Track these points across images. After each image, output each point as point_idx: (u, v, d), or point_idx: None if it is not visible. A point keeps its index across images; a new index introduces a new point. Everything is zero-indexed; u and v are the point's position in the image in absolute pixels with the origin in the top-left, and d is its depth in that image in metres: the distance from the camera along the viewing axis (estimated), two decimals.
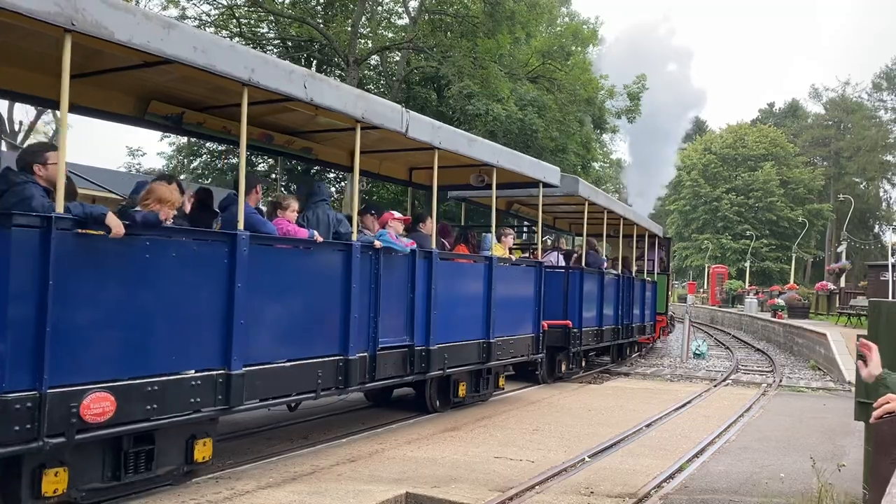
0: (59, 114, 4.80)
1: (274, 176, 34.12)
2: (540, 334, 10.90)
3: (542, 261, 11.64)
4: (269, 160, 30.87)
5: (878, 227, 74.22)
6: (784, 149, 68.32)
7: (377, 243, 7.57)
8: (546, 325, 11.29)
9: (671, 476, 6.62)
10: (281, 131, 8.46)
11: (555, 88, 31.15)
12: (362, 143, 7.33)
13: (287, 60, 7.22)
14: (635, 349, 19.17)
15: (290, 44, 30.39)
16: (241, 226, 5.82)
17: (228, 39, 6.55)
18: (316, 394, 6.77)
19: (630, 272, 17.06)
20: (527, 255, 13.46)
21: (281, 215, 6.93)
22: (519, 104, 29.23)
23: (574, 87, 31.67)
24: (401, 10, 33.25)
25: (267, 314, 6.18)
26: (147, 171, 33.84)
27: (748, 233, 62.20)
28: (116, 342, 4.96)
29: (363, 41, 30.86)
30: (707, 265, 59.29)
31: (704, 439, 8.25)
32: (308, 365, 6.59)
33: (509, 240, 11.20)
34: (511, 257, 10.84)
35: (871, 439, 5.10)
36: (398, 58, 31.47)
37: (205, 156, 32.00)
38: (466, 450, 7.19)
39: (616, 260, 16.93)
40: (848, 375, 13.58)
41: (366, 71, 31.68)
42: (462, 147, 8.77)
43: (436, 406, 9.42)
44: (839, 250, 45.96)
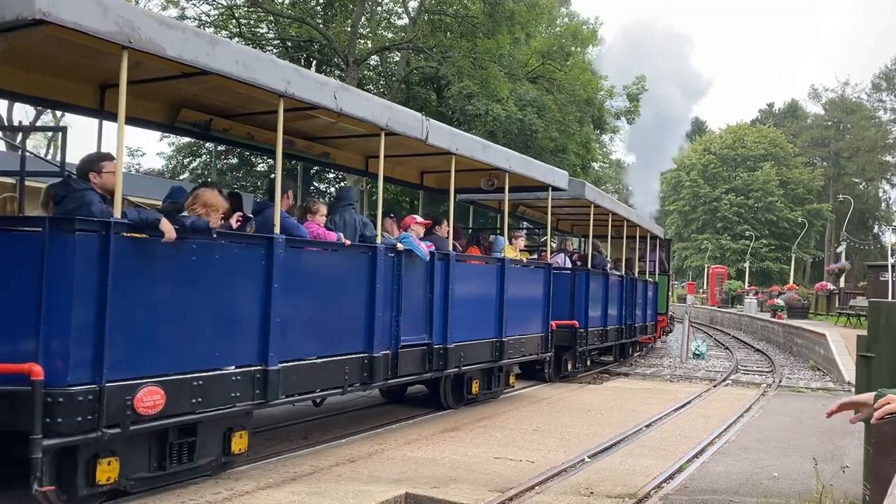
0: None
1: (273, 176, 33.85)
2: (549, 334, 11.09)
3: (550, 262, 11.74)
4: (269, 160, 30.57)
5: (877, 227, 73.86)
6: (783, 149, 67.83)
7: (399, 246, 7.80)
8: (554, 325, 11.41)
9: (671, 476, 6.55)
10: (301, 137, 8.57)
11: (554, 89, 30.88)
12: (378, 148, 7.47)
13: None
14: (637, 348, 19.04)
15: (289, 44, 30.17)
16: (277, 229, 6.03)
17: (266, 53, 6.49)
18: (343, 389, 7.02)
19: (632, 273, 17.02)
20: (534, 256, 13.44)
21: (311, 219, 7.09)
22: (519, 104, 29.03)
23: (574, 87, 31.39)
24: (400, 10, 33.06)
25: (299, 313, 6.40)
26: (147, 172, 33.52)
27: (748, 233, 61.72)
28: (166, 339, 5.17)
29: (363, 41, 30.63)
30: (706, 265, 58.91)
31: (704, 440, 8.17)
32: (336, 362, 6.84)
33: (520, 242, 11.47)
34: (522, 259, 11.01)
35: (871, 440, 5.01)
36: (398, 58, 31.23)
37: (204, 156, 31.70)
38: (466, 450, 7.13)
39: (619, 261, 16.78)
40: (847, 376, 13.39)
41: (365, 71, 31.44)
42: (477, 153, 9.00)
43: (450, 403, 9.48)
44: (839, 251, 45.64)
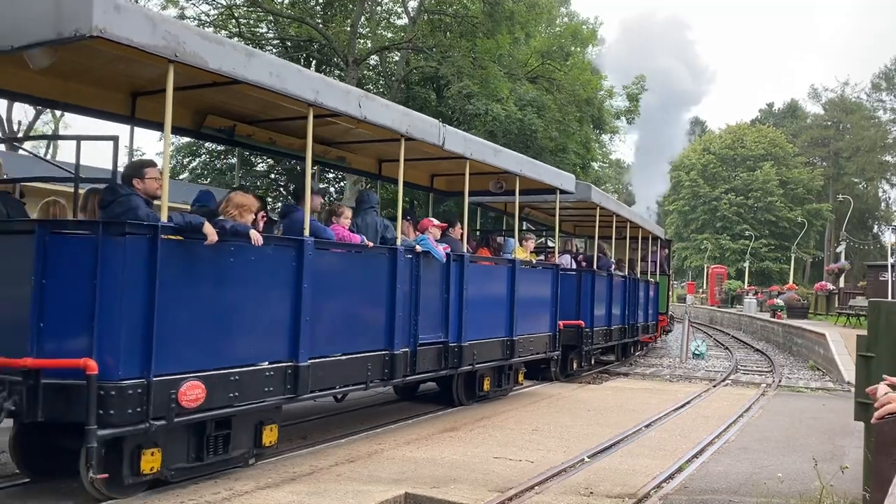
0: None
1: (274, 175, 34.10)
2: (556, 333, 11.44)
3: (558, 263, 12.10)
4: (269, 160, 30.81)
5: (877, 227, 74.16)
6: (783, 149, 68.21)
7: (418, 248, 8.14)
8: (562, 325, 11.76)
9: (671, 476, 6.59)
10: (319, 142, 8.87)
11: (554, 89, 31.06)
12: (391, 152, 7.97)
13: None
14: (638, 348, 19.36)
15: (289, 44, 30.30)
16: (306, 232, 6.36)
17: (296, 64, 6.84)
18: (366, 385, 7.38)
19: (634, 273, 17.40)
20: (541, 257, 13.79)
21: (336, 222, 7.45)
22: (518, 104, 29.14)
23: (573, 87, 31.57)
24: (400, 10, 33.13)
25: (326, 311, 6.72)
26: None
27: (747, 233, 62.08)
28: (206, 336, 5.49)
29: (362, 41, 30.71)
30: (706, 265, 59.23)
31: (704, 439, 8.22)
32: (359, 358, 7.20)
33: (531, 244, 11.95)
34: (532, 260, 11.40)
35: (871, 440, 4.81)
36: (397, 58, 31.35)
37: (204, 156, 31.91)
38: (466, 450, 7.18)
39: (621, 261, 17.15)
40: (847, 376, 13.50)
41: (365, 71, 31.56)
42: (489, 157, 9.35)
43: (462, 400, 9.77)
44: (838, 250, 45.95)
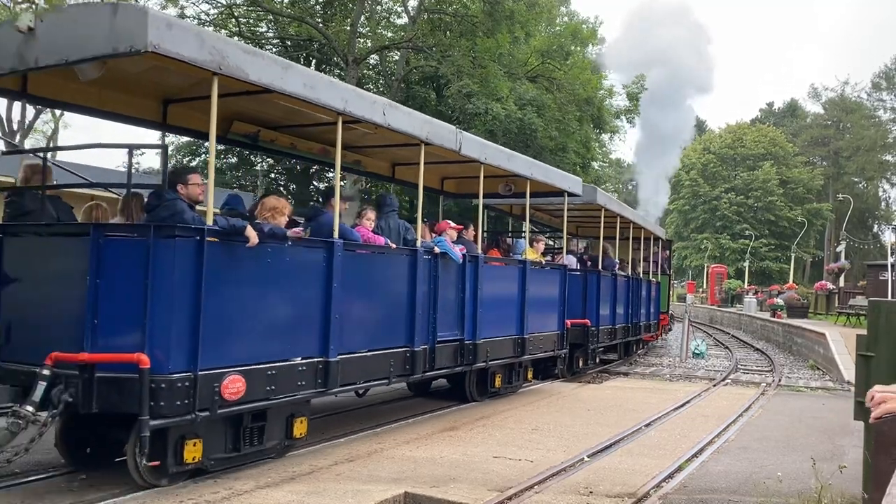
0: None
1: (274, 175, 34.40)
2: (564, 332, 11.90)
3: (565, 264, 12.57)
4: (269, 160, 31.10)
5: (877, 226, 74.62)
6: (783, 148, 68.67)
7: (436, 249, 8.52)
8: (569, 324, 12.21)
9: (670, 476, 6.63)
10: (335, 146, 9.08)
11: (554, 88, 31.32)
12: (404, 156, 8.50)
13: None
14: (640, 346, 19.75)
15: (289, 43, 30.52)
16: (336, 234, 6.76)
17: (327, 75, 7.23)
18: (389, 380, 7.83)
19: (637, 273, 17.91)
20: (548, 257, 14.24)
21: (360, 224, 7.84)
22: (518, 103, 29.32)
23: (573, 86, 31.82)
24: (400, 9, 33.34)
25: (353, 310, 7.11)
26: (146, 170, 34.00)
27: (747, 232, 62.50)
28: (246, 332, 5.85)
29: (362, 40, 30.87)
30: (706, 265, 59.59)
31: (703, 439, 8.27)
32: (383, 355, 7.62)
33: (541, 245, 12.55)
34: (541, 261, 11.92)
35: (870, 439, 5.03)
36: (397, 57, 31.56)
37: (203, 155, 32.16)
38: (465, 449, 7.23)
39: (624, 261, 17.64)
40: (847, 375, 13.62)
41: (365, 70, 31.76)
42: (503, 162, 9.76)
43: (474, 396, 10.18)
44: (838, 250, 46.31)
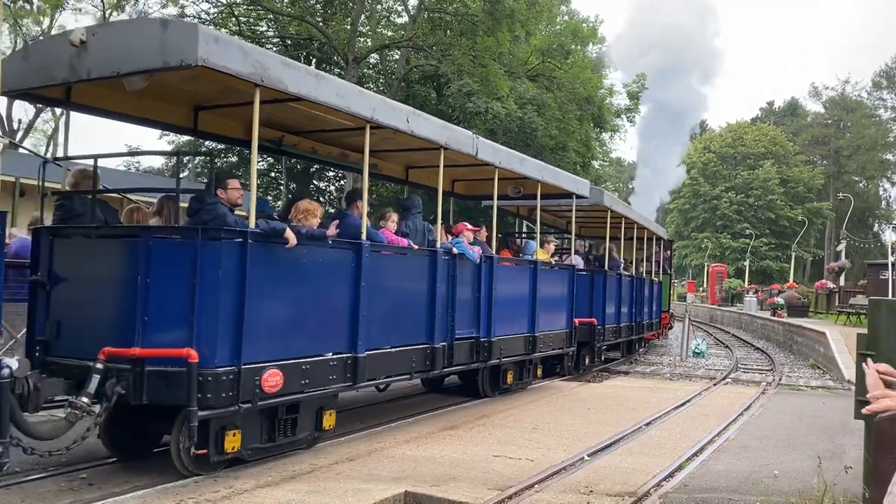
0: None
1: (274, 174, 34.73)
2: (572, 330, 12.42)
3: (574, 264, 13.10)
4: (269, 159, 31.42)
5: (877, 225, 75.25)
6: (783, 147, 69.22)
7: (454, 250, 8.96)
8: (577, 322, 12.72)
9: (671, 475, 6.70)
10: (355, 150, 9.67)
11: (554, 87, 31.65)
12: (418, 159, 9.11)
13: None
14: (642, 345, 20.27)
15: (289, 42, 30.79)
16: (363, 236, 7.23)
17: (357, 85, 7.65)
18: (411, 375, 8.31)
19: (640, 273, 18.53)
20: (556, 258, 14.73)
21: (384, 226, 8.25)
22: (518, 102, 29.58)
23: (573, 85, 32.16)
24: (400, 8, 33.62)
25: (379, 308, 7.52)
26: (146, 170, 34.29)
27: (747, 231, 63.03)
28: (283, 328, 6.25)
29: (362, 39, 31.08)
30: (706, 264, 60.04)
31: (704, 438, 8.33)
32: (405, 351, 8.08)
33: (551, 247, 13.19)
34: (552, 261, 12.49)
35: (871, 438, 5.14)
36: (397, 56, 31.84)
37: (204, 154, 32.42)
38: (465, 448, 7.31)
39: (628, 261, 18.18)
40: (847, 374, 13.81)
41: (365, 69, 32.03)
42: (516, 165, 10.28)
43: (487, 392, 10.61)
44: (839, 249, 46.65)
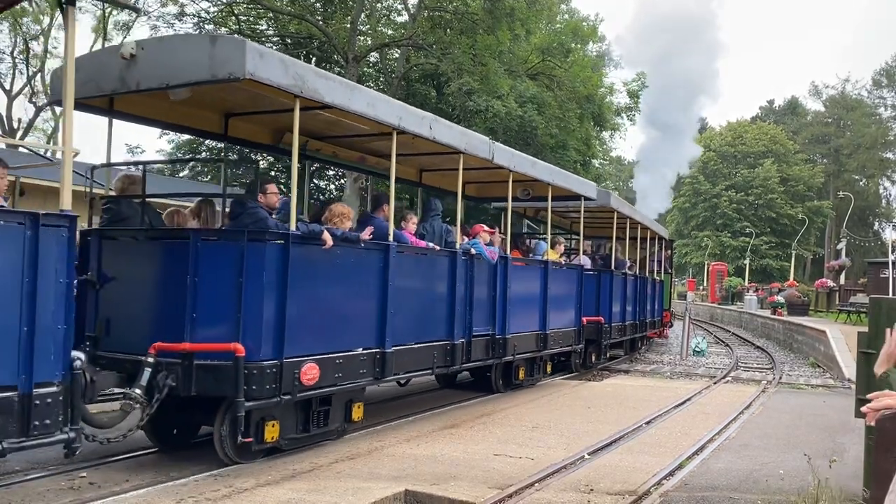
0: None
1: (273, 173, 35.10)
2: (580, 328, 12.99)
3: (582, 264, 13.67)
4: (270, 158, 31.77)
5: (877, 224, 75.72)
6: (784, 146, 69.72)
7: (472, 251, 9.45)
8: (585, 321, 13.29)
9: (671, 473, 6.76)
10: (373, 154, 10.27)
11: (554, 85, 32.01)
12: (431, 162, 9.70)
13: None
14: (643, 343, 20.82)
15: (289, 41, 31.06)
16: (391, 238, 7.80)
17: (385, 95, 8.14)
18: (432, 370, 8.86)
19: (644, 272, 19.25)
20: (564, 258, 15.22)
21: (404, 227, 8.66)
22: (518, 101, 29.85)
23: (574, 84, 32.49)
24: (400, 6, 33.78)
25: (404, 306, 8.01)
26: (147, 171, 34.56)
27: (748, 230, 63.46)
28: (319, 324, 6.74)
29: (362, 38, 31.31)
30: (707, 262, 60.44)
31: (704, 437, 8.41)
32: (427, 347, 8.61)
33: (561, 248, 13.84)
34: (561, 262, 13.07)
35: (871, 437, 5.22)
36: (397, 55, 32.04)
37: (203, 153, 32.75)
38: (466, 447, 7.38)
39: (633, 261, 18.90)
40: (848, 373, 13.95)
41: (365, 68, 32.26)
42: (528, 169, 10.84)
43: (500, 387, 11.13)
44: (839, 247, 46.91)
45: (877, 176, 73.74)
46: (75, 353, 4.93)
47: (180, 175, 32.16)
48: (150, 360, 5.81)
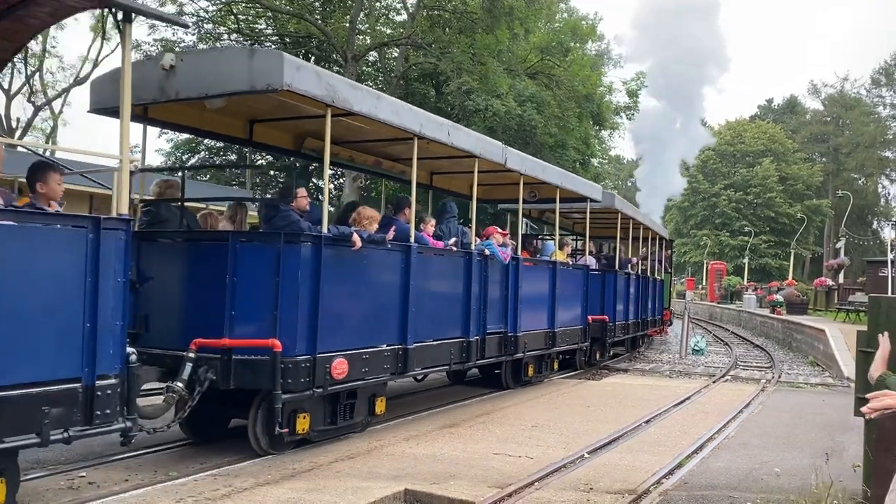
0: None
1: (273, 173, 35.45)
2: (586, 326, 13.51)
3: (587, 264, 14.23)
4: (269, 157, 32.07)
5: (876, 223, 76.09)
6: (782, 145, 70.22)
7: (486, 251, 9.92)
8: (590, 319, 13.80)
9: (670, 472, 6.81)
10: (388, 158, 10.74)
11: (553, 84, 32.35)
12: (442, 166, 10.24)
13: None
14: (645, 340, 21.37)
15: (287, 40, 31.33)
16: (412, 239, 8.27)
17: (406, 103, 8.59)
18: (449, 366, 9.34)
19: (645, 272, 19.80)
20: (570, 258, 15.64)
21: (423, 229, 9.10)
22: (518, 100, 30.19)
23: (572, 83, 32.83)
24: (399, 6, 34.06)
25: (423, 304, 8.42)
26: (145, 169, 34.88)
27: (746, 229, 63.88)
28: (348, 321, 7.19)
29: (361, 37, 31.58)
30: (705, 261, 60.85)
31: (703, 435, 8.47)
32: (445, 344, 9.05)
33: (568, 248, 14.48)
34: (569, 262, 13.66)
35: (871, 436, 5.25)
36: (396, 54, 32.30)
37: (203, 153, 33.14)
38: (465, 446, 7.45)
39: (643, 258, 19.56)
40: (847, 371, 14.11)
41: (364, 67, 32.52)
42: (538, 172, 11.40)
43: (509, 384, 11.62)
44: (838, 246, 47.22)
45: (875, 175, 74.27)
46: (129, 349, 5.35)
47: (180, 174, 32.45)
48: (192, 355, 6.21)
